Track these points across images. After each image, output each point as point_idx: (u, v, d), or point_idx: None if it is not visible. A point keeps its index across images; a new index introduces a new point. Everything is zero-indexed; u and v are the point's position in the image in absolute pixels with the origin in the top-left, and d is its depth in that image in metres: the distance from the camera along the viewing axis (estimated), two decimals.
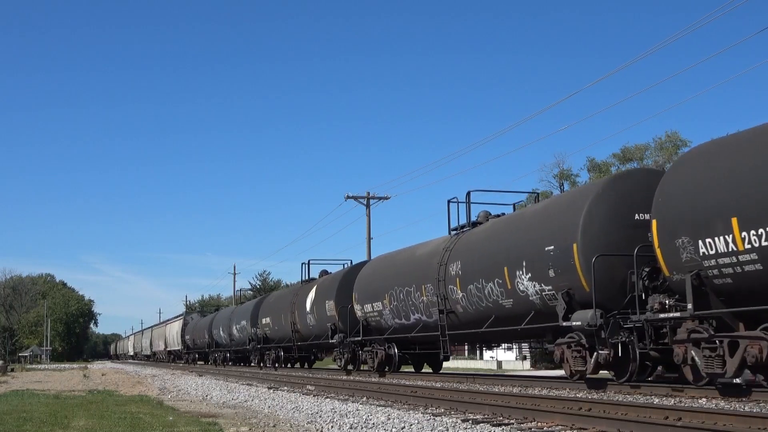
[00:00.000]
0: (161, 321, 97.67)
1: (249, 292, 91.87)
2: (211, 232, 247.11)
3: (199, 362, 60.94)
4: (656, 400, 12.20)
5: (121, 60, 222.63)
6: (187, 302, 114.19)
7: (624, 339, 14.15)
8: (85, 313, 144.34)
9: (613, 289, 14.55)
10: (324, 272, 34.72)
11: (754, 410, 10.02)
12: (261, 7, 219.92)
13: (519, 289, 16.95)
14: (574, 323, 14.85)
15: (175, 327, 70.55)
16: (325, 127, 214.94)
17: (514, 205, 22.31)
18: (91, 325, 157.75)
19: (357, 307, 26.76)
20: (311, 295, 32.09)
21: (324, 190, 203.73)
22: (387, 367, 25.22)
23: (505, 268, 17.40)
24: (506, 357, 47.49)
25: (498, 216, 20.75)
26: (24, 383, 28.91)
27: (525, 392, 14.89)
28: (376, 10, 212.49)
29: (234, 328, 45.66)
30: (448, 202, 22.05)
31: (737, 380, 12.86)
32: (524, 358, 45.74)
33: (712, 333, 12.13)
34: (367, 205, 46.40)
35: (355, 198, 46.52)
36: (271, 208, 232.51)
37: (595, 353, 14.77)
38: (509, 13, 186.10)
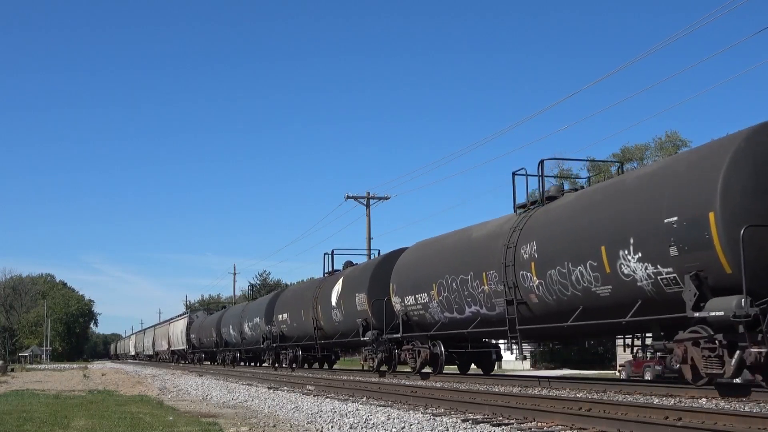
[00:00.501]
0: (164, 320, 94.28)
1: (249, 292, 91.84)
2: (211, 232, 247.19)
3: (205, 362, 58.38)
4: (656, 400, 12.20)
5: (121, 60, 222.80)
6: (187, 302, 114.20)
7: None
8: (85, 313, 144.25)
9: (763, 271, 11.62)
10: (349, 263, 32.01)
11: (754, 410, 10.03)
12: (261, 7, 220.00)
13: (622, 272, 13.82)
14: (712, 314, 11.85)
15: (180, 326, 67.49)
16: (325, 127, 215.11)
17: (589, 178, 20.22)
18: (91, 325, 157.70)
19: (395, 300, 23.72)
20: (337, 288, 29.02)
21: (324, 190, 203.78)
22: (432, 368, 22.56)
23: (603, 248, 14.27)
24: (506, 357, 47.44)
25: (573, 190, 17.94)
26: (24, 383, 28.91)
27: (525, 392, 14.89)
28: (376, 10, 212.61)
29: (246, 325, 42.96)
30: (513, 174, 18.81)
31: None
32: (524, 358, 45.70)
33: None
34: (367, 205, 46.40)
35: (355, 198, 46.52)
36: (271, 208, 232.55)
37: (738, 352, 11.83)
38: (509, 13, 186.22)
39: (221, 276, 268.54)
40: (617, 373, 30.94)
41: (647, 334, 15.89)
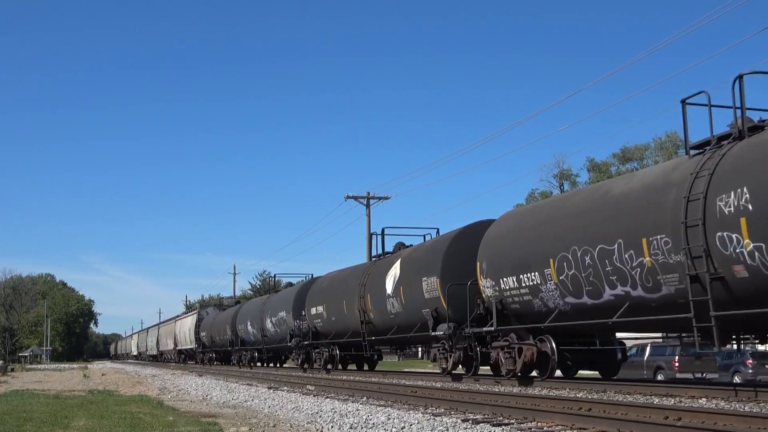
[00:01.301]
0: (169, 317, 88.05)
1: (249, 292, 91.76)
2: (211, 232, 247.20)
3: (216, 363, 53.47)
4: (656, 400, 12.20)
5: (121, 60, 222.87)
6: (187, 302, 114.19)
7: None
8: (85, 313, 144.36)
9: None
10: (401, 245, 26.75)
11: (754, 410, 10.03)
12: (261, 7, 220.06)
13: None
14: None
15: (188, 323, 62.29)
16: (325, 127, 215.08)
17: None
18: (91, 325, 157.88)
19: (486, 283, 18.58)
20: (394, 272, 24.02)
21: (324, 190, 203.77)
22: (538, 371, 17.67)
23: None
24: None
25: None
26: (24, 383, 28.91)
27: (525, 392, 14.89)
28: (376, 10, 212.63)
29: (268, 321, 37.99)
30: (684, 102, 13.83)
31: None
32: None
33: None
34: (367, 205, 46.41)
35: (355, 198, 46.54)
36: (271, 208, 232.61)
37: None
38: (509, 13, 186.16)
39: (221, 276, 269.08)
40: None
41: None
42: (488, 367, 20.76)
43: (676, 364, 26.21)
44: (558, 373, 18.89)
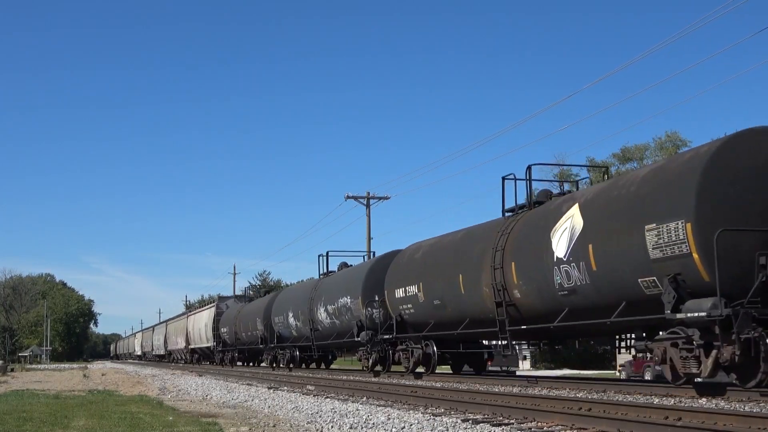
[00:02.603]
0: (180, 313, 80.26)
1: (249, 292, 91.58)
2: (211, 232, 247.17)
3: (239, 363, 48.03)
4: (656, 400, 12.20)
5: (121, 60, 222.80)
6: (187, 302, 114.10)
7: None
8: (85, 313, 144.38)
9: None
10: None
11: (754, 410, 10.03)
12: (261, 7, 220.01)
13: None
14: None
15: (204, 318, 55.09)
16: (325, 127, 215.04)
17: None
18: (91, 325, 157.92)
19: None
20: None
21: (324, 190, 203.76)
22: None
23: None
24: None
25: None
26: (24, 383, 28.90)
27: (525, 392, 14.89)
28: (376, 10, 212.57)
29: (320, 311, 29.96)
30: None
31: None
32: (524, 358, 45.72)
33: None
34: (367, 205, 46.41)
35: (355, 198, 46.54)
36: (271, 208, 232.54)
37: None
38: (509, 13, 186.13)
39: (221, 276, 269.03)
40: (617, 373, 30.94)
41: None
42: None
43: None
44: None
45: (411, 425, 9.90)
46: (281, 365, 36.66)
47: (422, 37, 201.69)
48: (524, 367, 44.53)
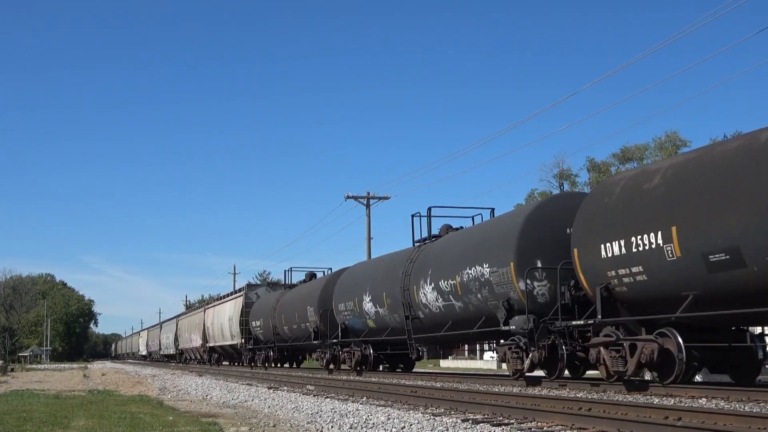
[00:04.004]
0: (190, 309, 73.07)
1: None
2: (211, 232, 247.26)
3: (280, 365, 39.78)
4: (656, 400, 12.20)
5: (121, 60, 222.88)
6: (187, 302, 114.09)
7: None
8: (85, 313, 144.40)
9: None
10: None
11: (754, 410, 10.03)
12: (261, 7, 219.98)
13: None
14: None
15: (227, 310, 46.86)
16: (325, 127, 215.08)
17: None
18: (91, 325, 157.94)
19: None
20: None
21: (324, 190, 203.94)
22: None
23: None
24: None
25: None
26: (24, 383, 28.90)
27: (525, 392, 14.89)
28: (376, 10, 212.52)
29: (428, 290, 21.19)
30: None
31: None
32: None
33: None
34: (367, 205, 46.40)
35: (355, 198, 46.53)
36: (271, 208, 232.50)
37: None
38: (509, 13, 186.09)
39: (221, 276, 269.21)
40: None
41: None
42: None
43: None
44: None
45: (411, 425, 9.90)
46: (346, 366, 28.45)
47: (422, 37, 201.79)
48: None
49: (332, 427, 10.45)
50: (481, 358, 49.85)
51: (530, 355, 16.87)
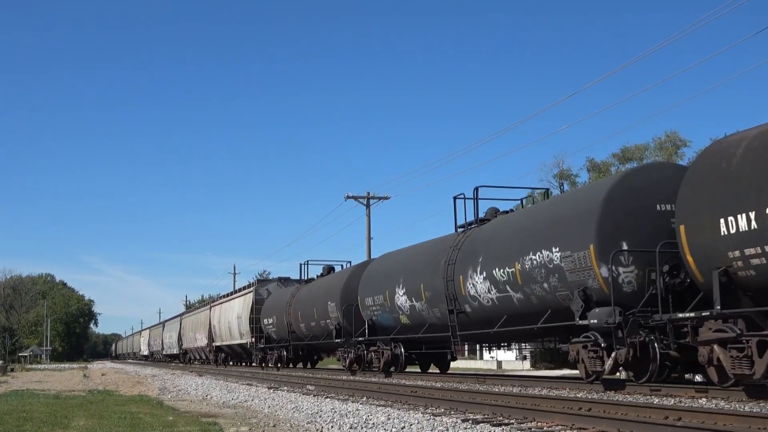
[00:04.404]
0: (194, 308, 69.53)
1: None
2: (211, 232, 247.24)
3: (292, 365, 37.09)
4: (656, 400, 12.19)
5: (121, 60, 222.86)
6: (187, 302, 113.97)
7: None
8: (85, 313, 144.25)
9: None
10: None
11: (754, 410, 10.02)
12: (261, 7, 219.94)
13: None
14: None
15: (236, 308, 44.20)
16: (325, 127, 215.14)
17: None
18: (91, 325, 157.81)
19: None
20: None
21: (324, 190, 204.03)
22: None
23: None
24: (506, 357, 47.44)
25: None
26: (24, 383, 28.89)
27: (525, 392, 14.88)
28: (376, 10, 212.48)
29: (473, 280, 18.77)
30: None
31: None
32: (524, 358, 45.68)
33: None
34: (367, 205, 46.39)
35: (355, 198, 46.52)
36: (271, 208, 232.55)
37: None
38: (509, 13, 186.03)
39: (221, 276, 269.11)
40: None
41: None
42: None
43: None
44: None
45: (411, 425, 9.89)
46: (373, 367, 25.89)
47: (422, 37, 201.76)
48: (525, 366, 44.50)
49: (332, 427, 10.45)
50: (481, 357, 49.87)
51: (613, 355, 14.07)
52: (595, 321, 14.26)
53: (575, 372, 19.57)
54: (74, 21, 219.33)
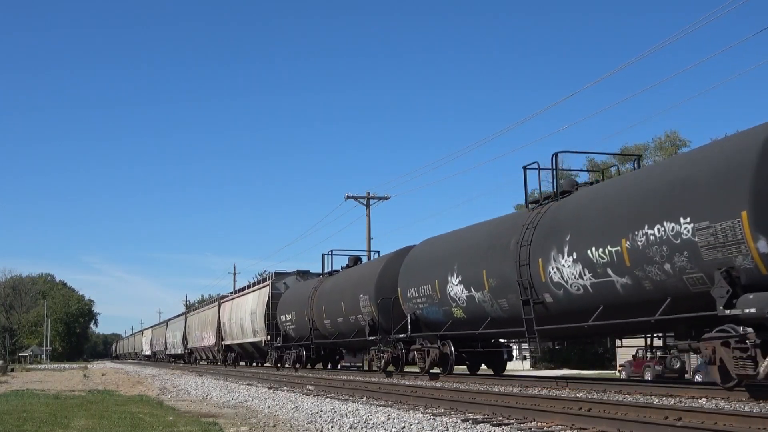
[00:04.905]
0: (204, 304, 65.24)
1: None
2: (211, 232, 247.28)
3: (312, 365, 34.10)
4: (656, 400, 12.19)
5: (120, 60, 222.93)
6: (187, 302, 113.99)
7: None
8: (85, 313, 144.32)
9: None
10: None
11: (754, 410, 10.02)
12: (261, 7, 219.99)
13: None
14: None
15: (249, 303, 40.93)
16: (325, 127, 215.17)
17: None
18: (91, 325, 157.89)
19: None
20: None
21: (324, 190, 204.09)
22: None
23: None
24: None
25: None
26: (24, 383, 28.89)
27: (525, 392, 14.88)
28: (376, 10, 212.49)
29: (562, 261, 15.44)
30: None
31: None
32: (524, 358, 45.69)
33: None
34: (367, 205, 46.39)
35: (355, 198, 46.53)
36: (271, 208, 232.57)
37: None
38: (509, 13, 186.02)
39: (221, 276, 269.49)
40: (617, 373, 30.94)
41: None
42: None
43: None
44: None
45: (411, 425, 9.89)
46: (420, 367, 22.49)
47: (422, 37, 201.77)
48: (525, 366, 44.52)
49: (332, 427, 10.45)
50: None
51: None
52: (753, 310, 11.08)
53: (575, 372, 19.54)
54: (74, 21, 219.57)
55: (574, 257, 15.00)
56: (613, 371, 34.66)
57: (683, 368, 29.05)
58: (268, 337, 36.75)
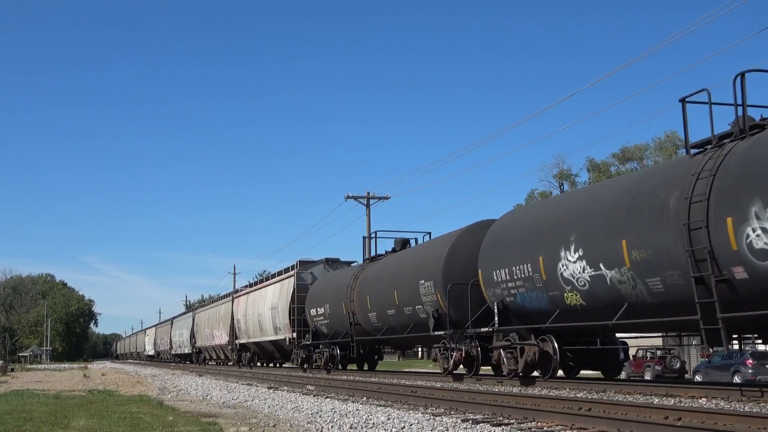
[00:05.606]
0: (217, 298, 57.42)
1: None
2: (211, 232, 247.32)
3: (339, 366, 29.36)
4: (656, 400, 12.20)
5: (121, 60, 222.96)
6: (187, 302, 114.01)
7: None
8: (85, 313, 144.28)
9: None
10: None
11: (754, 410, 10.03)
12: (261, 7, 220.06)
13: None
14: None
15: (269, 297, 36.69)
16: (325, 127, 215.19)
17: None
18: (91, 325, 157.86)
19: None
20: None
21: (324, 190, 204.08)
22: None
23: None
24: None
25: None
26: (24, 383, 28.90)
27: (525, 392, 14.88)
28: (376, 10, 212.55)
29: (751, 225, 11.18)
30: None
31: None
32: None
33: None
34: (367, 205, 46.38)
35: (355, 198, 46.52)
36: (271, 208, 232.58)
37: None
38: (509, 13, 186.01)
39: (221, 276, 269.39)
40: None
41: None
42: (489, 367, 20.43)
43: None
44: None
45: (411, 425, 9.90)
46: (511, 368, 17.83)
47: (422, 37, 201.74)
48: None
49: (332, 427, 10.45)
50: None
51: None
52: None
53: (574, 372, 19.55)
54: (75, 21, 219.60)
55: None
56: None
57: (683, 368, 29.11)
58: (294, 334, 32.49)
